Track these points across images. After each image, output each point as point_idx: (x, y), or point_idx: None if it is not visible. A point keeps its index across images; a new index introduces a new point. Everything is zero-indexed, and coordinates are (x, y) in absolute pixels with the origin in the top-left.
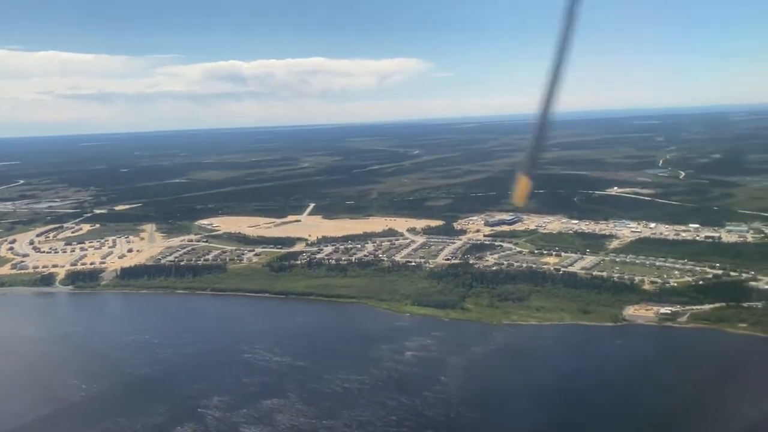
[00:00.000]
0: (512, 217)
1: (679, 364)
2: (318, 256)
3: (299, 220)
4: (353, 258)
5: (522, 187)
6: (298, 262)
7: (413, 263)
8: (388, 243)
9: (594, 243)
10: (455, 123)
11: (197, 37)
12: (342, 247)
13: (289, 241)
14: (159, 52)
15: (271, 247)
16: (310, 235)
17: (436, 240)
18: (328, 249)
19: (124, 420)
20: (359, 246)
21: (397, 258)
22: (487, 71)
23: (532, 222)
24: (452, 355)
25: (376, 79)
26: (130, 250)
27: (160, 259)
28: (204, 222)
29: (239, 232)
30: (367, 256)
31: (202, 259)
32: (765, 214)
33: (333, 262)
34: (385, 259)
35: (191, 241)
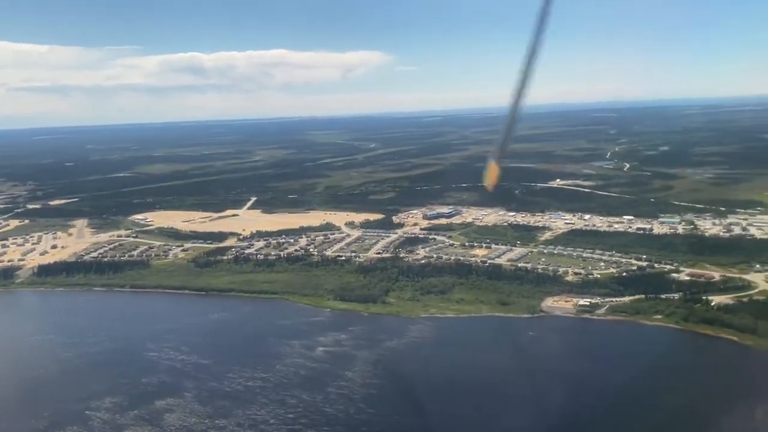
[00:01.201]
0: (450, 210)
1: (580, 356)
2: (247, 251)
3: (237, 215)
4: (283, 253)
5: (492, 173)
6: (225, 257)
7: (343, 257)
8: (323, 237)
9: (526, 235)
10: (419, 116)
11: (155, 28)
12: (274, 241)
13: (221, 236)
14: (115, 44)
15: (200, 242)
16: (244, 230)
17: (371, 234)
18: (260, 244)
19: (4, 425)
20: (292, 240)
21: (329, 252)
22: (451, 65)
23: (470, 215)
24: (363, 350)
25: (339, 72)
26: (54, 247)
27: (83, 255)
28: (139, 217)
29: (172, 227)
30: (298, 250)
31: (126, 255)
32: (699, 206)
33: (261, 257)
34: (316, 253)
35: (120, 236)
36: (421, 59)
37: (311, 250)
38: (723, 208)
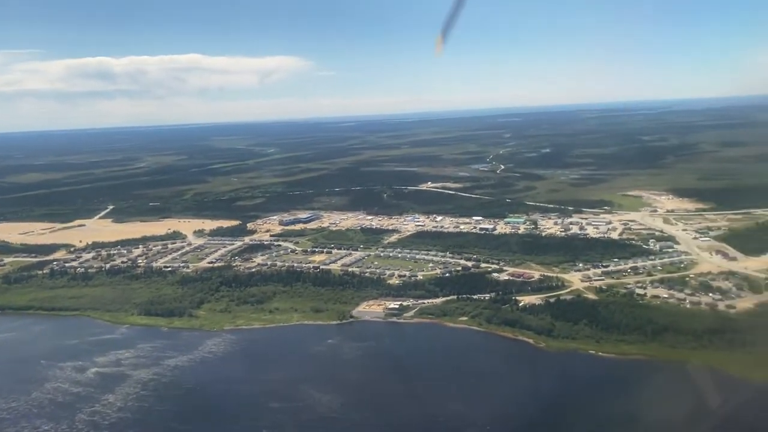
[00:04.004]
0: (310, 215)
1: (363, 363)
2: (70, 264)
3: (84, 225)
4: (107, 265)
5: (438, 42)
6: (42, 272)
7: (170, 269)
8: (160, 247)
9: (373, 238)
10: (336, 122)
11: (58, 31)
12: (105, 253)
13: (52, 249)
14: (13, 47)
15: (25, 256)
16: (80, 241)
17: (216, 242)
18: (88, 256)
19: None
20: (125, 252)
21: (158, 263)
22: (370, 71)
23: (328, 219)
24: (140, 370)
25: (257, 77)
26: None
27: None
28: None
29: (2, 240)
30: (125, 262)
31: None
32: (550, 206)
33: (82, 270)
34: (142, 265)
35: None
36: (339, 65)
37: (140, 261)
38: (571, 208)
